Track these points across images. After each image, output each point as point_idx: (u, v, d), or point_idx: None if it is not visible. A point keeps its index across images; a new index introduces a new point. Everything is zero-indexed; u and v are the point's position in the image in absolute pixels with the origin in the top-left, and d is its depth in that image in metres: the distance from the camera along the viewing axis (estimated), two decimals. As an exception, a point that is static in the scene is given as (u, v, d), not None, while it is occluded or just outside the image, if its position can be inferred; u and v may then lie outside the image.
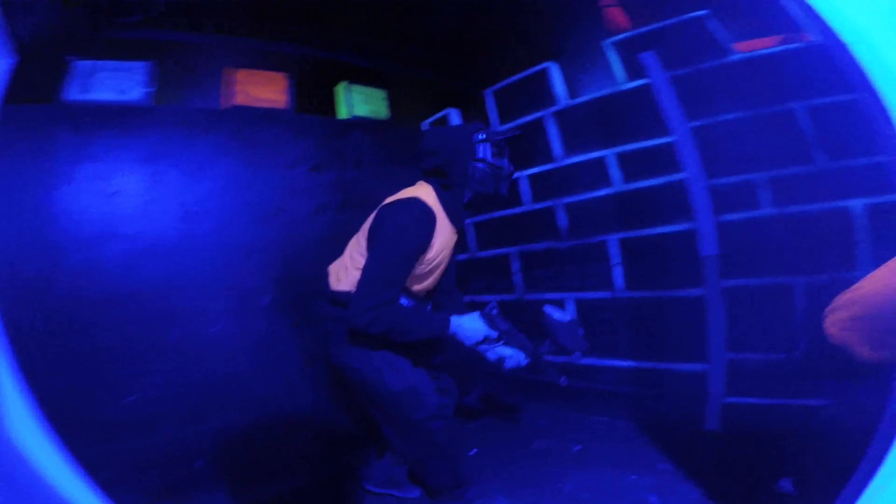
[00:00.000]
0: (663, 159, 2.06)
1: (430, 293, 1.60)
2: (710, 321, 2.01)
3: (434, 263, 1.45)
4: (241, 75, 2.35)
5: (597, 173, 2.25)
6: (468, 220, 2.49)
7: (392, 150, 2.78)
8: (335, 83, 2.62)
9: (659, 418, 2.05)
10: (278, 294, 2.31)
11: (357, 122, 2.64)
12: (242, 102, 2.34)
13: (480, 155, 1.41)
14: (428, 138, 1.47)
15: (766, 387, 1.83)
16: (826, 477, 1.28)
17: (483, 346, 1.40)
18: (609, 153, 2.20)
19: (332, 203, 2.54)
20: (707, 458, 1.76)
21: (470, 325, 1.38)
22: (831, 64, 1.68)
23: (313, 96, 2.53)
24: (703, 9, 1.77)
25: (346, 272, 1.48)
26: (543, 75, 2.31)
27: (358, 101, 2.61)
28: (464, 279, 3.01)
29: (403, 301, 1.45)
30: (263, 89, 2.34)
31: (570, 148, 2.36)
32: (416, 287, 1.49)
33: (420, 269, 1.41)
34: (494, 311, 1.39)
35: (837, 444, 1.42)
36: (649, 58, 1.92)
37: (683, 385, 2.04)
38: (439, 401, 1.52)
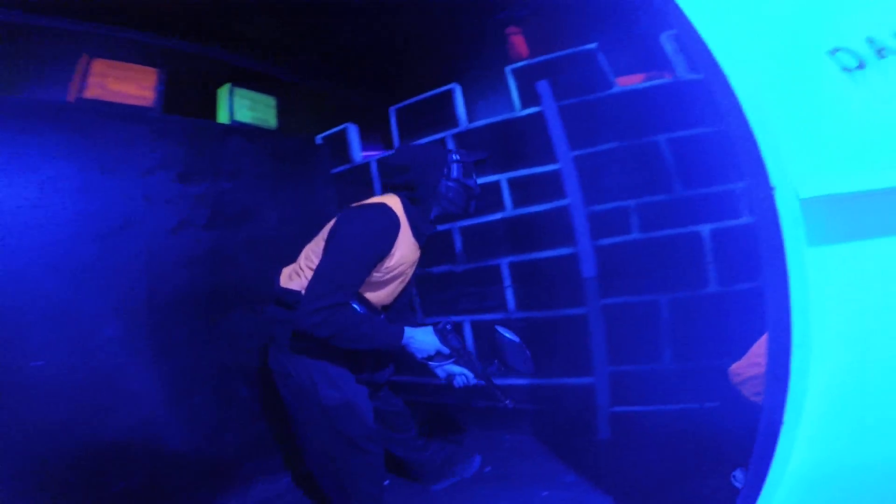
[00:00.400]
0: (550, 186, 2.20)
1: (385, 308, 1.54)
2: (593, 337, 2.15)
3: (392, 273, 1.41)
4: (99, 66, 1.97)
5: (491, 198, 2.31)
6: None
7: (277, 162, 2.56)
8: (218, 85, 2.34)
9: (557, 432, 2.09)
10: (126, 323, 1.90)
11: (238, 129, 2.38)
12: (95, 96, 1.96)
13: (454, 175, 1.45)
14: (399, 154, 1.51)
15: (650, 395, 1.99)
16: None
17: (433, 363, 1.39)
18: (502, 178, 2.29)
19: (198, 218, 2.21)
20: (606, 465, 1.83)
21: (423, 339, 1.36)
22: (691, 99, 1.99)
23: (189, 97, 2.21)
24: (594, 42, 1.97)
25: (298, 272, 1.43)
26: (448, 96, 2.35)
27: (241, 106, 2.36)
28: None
29: (356, 307, 1.37)
30: (126, 84, 1.99)
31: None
32: (372, 296, 1.43)
33: (377, 276, 1.37)
34: (448, 328, 1.40)
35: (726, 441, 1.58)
36: (543, 87, 2.06)
37: (575, 398, 2.12)
38: (375, 425, 1.48)
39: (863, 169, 1.04)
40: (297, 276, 1.44)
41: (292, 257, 2.40)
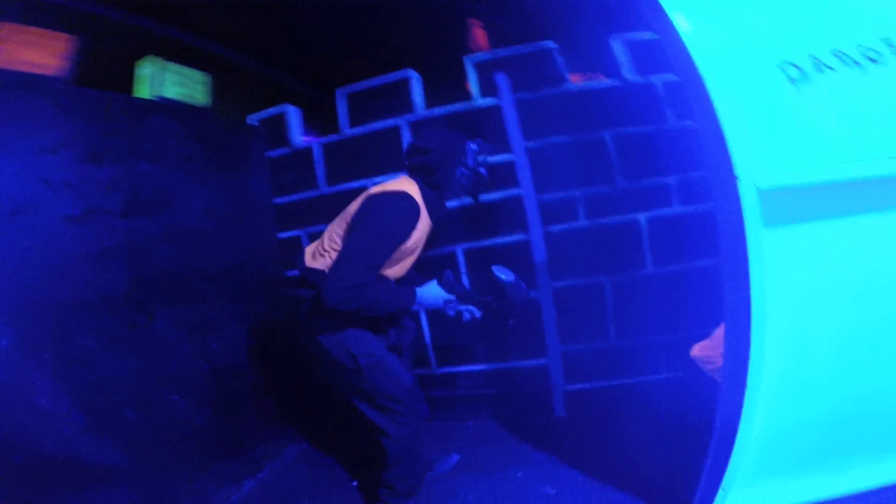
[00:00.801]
0: (504, 175, 2.26)
1: (399, 279, 1.61)
2: (545, 320, 2.27)
3: (408, 251, 1.51)
4: (6, 30, 1.63)
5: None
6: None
7: (206, 144, 2.29)
8: (143, 56, 2.01)
9: (517, 414, 2.17)
10: (22, 330, 1.57)
11: (161, 106, 2.07)
12: (-1, 63, 1.59)
13: (470, 162, 1.54)
14: (423, 137, 1.56)
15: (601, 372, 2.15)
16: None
17: (446, 308, 1.55)
18: (458, 166, 2.29)
19: (111, 206, 1.90)
20: (568, 442, 1.94)
21: (430, 293, 1.52)
22: (634, 100, 2.17)
23: (112, 70, 1.87)
24: (550, 40, 2.04)
25: (322, 253, 1.52)
26: (404, 83, 2.27)
27: (170, 81, 2.07)
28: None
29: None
30: (34, 50, 1.64)
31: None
32: (388, 271, 1.52)
33: (395, 255, 1.46)
34: (451, 278, 1.54)
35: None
36: (502, 79, 2.09)
37: (532, 380, 2.22)
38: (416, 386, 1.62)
39: (806, 165, 1.23)
40: (320, 256, 1.52)
41: (222, 249, 2.18)
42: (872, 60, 1.27)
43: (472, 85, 2.19)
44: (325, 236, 1.55)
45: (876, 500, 1.38)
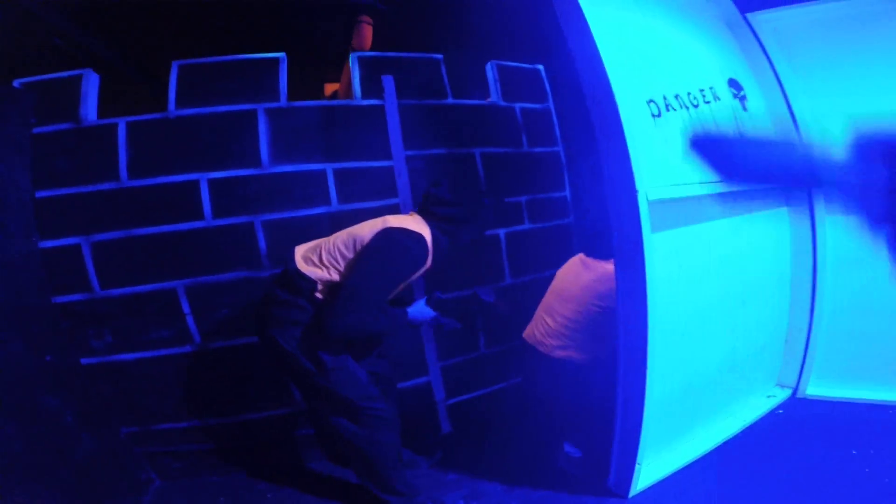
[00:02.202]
0: (378, 182, 2.12)
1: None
2: (424, 337, 2.19)
3: (405, 285, 1.60)
4: None
5: (313, 189, 2.02)
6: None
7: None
8: None
9: (409, 438, 1.98)
10: None
11: None
12: None
13: (487, 216, 1.67)
14: (452, 190, 1.60)
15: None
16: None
17: (432, 324, 1.66)
18: (328, 167, 2.03)
19: None
20: (471, 454, 1.93)
21: (420, 311, 1.63)
22: (503, 123, 2.35)
23: None
24: (438, 51, 2.03)
25: (318, 263, 1.53)
26: (271, 65, 1.87)
27: None
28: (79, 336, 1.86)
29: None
30: None
31: (281, 155, 2.00)
32: None
33: None
34: (440, 296, 1.68)
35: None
36: (388, 81, 1.97)
37: (418, 398, 2.09)
38: (377, 389, 1.64)
39: (669, 184, 1.57)
40: (316, 266, 1.54)
41: None
42: (694, 106, 1.73)
43: (356, 83, 2.00)
44: (324, 247, 1.55)
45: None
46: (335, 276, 1.49)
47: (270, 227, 2.01)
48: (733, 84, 1.89)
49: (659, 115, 1.60)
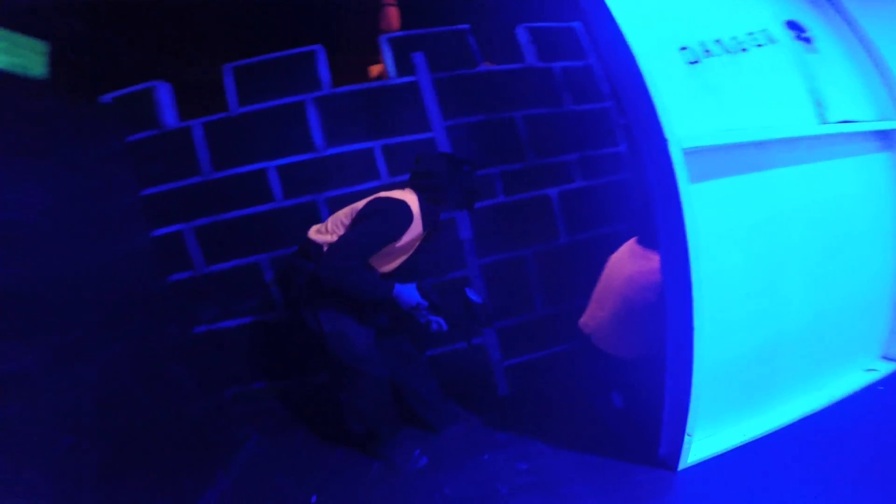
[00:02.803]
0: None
1: (388, 273, 1.80)
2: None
3: (398, 250, 1.73)
4: None
5: (364, 166, 2.16)
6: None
7: (44, 125, 1.76)
8: None
9: (464, 399, 2.14)
10: None
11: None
12: None
13: (465, 184, 1.74)
14: (426, 162, 1.75)
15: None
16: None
17: (417, 312, 1.71)
18: (376, 145, 2.16)
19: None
20: (523, 416, 1.98)
21: (408, 291, 1.69)
22: (542, 83, 2.30)
23: None
24: (463, 23, 2.03)
25: (324, 231, 1.75)
26: (310, 58, 2.02)
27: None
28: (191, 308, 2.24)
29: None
30: None
31: (332, 138, 2.16)
32: (377, 264, 1.73)
33: (386, 250, 1.69)
34: (428, 287, 1.74)
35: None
36: (420, 58, 2.02)
37: (473, 359, 2.22)
38: (373, 353, 1.78)
39: (708, 130, 1.45)
40: (323, 233, 1.74)
41: (76, 256, 1.80)
42: (742, 50, 1.56)
43: (388, 63, 2.07)
44: (331, 219, 1.76)
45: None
46: (335, 240, 1.65)
47: (331, 203, 2.21)
48: (792, 26, 1.65)
49: (696, 62, 1.46)
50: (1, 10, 1.64)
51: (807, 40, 1.69)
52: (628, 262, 1.75)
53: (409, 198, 1.68)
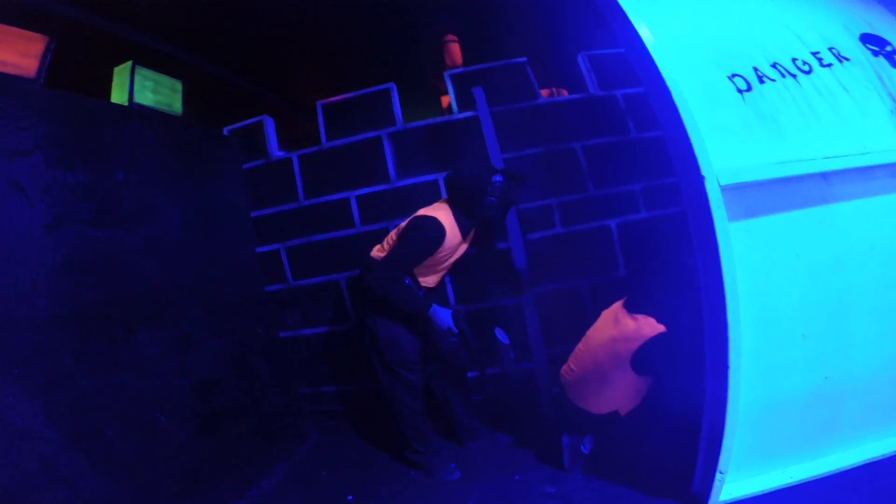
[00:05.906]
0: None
1: (431, 290, 2.01)
2: (529, 324, 2.35)
3: (439, 261, 1.91)
4: None
5: (429, 196, 2.38)
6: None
7: (183, 153, 2.25)
8: (116, 63, 1.97)
9: (506, 419, 2.21)
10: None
11: (138, 112, 2.03)
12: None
13: (496, 192, 1.81)
14: (457, 175, 1.84)
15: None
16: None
17: (446, 335, 1.85)
18: (440, 177, 2.38)
19: (83, 213, 1.81)
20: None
21: (442, 316, 1.85)
22: (600, 113, 2.35)
23: (81, 71, 1.82)
24: (521, 56, 2.19)
25: (380, 249, 1.99)
26: (386, 95, 2.34)
27: (143, 87, 2.04)
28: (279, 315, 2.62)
29: (407, 282, 1.90)
30: (5, 49, 1.58)
31: (403, 171, 2.43)
32: (423, 278, 1.96)
33: (427, 263, 1.88)
34: (460, 315, 1.86)
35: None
36: (479, 93, 2.22)
37: (519, 384, 2.27)
38: (416, 359, 2.00)
39: (755, 166, 1.40)
40: (379, 251, 1.99)
41: (200, 262, 2.19)
42: (805, 72, 1.49)
43: (451, 99, 2.30)
44: (386, 238, 2.00)
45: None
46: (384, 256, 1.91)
47: (399, 229, 2.46)
48: (870, 39, 1.51)
49: (749, 90, 1.43)
50: (145, 54, 2.16)
51: (891, 54, 1.55)
52: (612, 325, 1.73)
53: (442, 212, 1.85)
